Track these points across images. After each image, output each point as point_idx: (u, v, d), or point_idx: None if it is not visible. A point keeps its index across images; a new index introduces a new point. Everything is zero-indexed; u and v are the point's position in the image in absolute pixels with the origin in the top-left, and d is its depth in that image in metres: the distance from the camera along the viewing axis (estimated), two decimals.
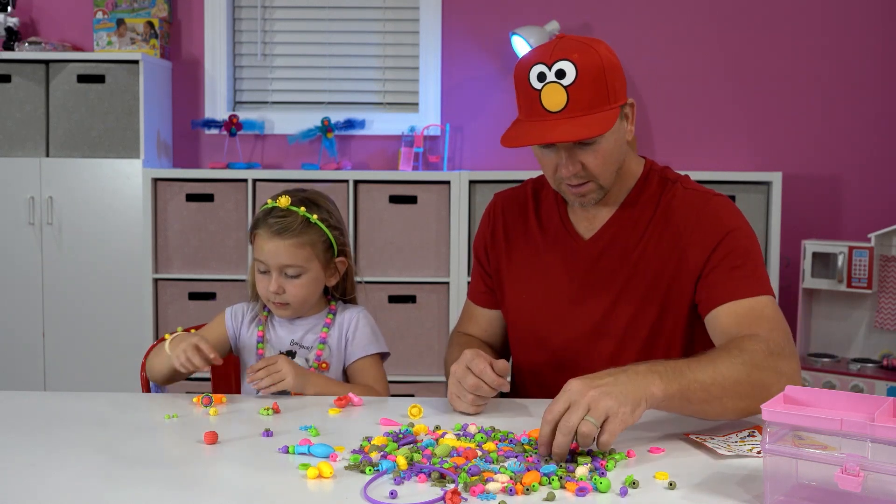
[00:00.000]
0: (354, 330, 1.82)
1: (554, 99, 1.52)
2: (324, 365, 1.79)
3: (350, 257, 1.86)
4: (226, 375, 2.03)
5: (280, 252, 1.74)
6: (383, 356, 1.86)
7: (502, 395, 1.85)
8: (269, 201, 1.78)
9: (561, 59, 1.51)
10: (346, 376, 1.84)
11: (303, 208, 1.77)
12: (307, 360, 1.80)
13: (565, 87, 1.51)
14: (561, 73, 1.51)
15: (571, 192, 1.63)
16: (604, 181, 1.61)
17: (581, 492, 1.13)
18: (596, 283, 1.67)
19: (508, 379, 1.53)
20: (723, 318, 1.56)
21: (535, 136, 1.54)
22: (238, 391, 1.82)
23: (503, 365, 1.52)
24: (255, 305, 1.87)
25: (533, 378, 1.76)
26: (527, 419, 1.49)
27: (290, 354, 1.81)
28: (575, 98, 1.51)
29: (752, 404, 1.37)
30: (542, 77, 1.52)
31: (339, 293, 1.89)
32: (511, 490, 1.13)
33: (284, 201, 1.76)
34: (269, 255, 1.74)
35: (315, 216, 1.77)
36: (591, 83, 1.51)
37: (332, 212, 1.82)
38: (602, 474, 1.18)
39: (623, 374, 1.30)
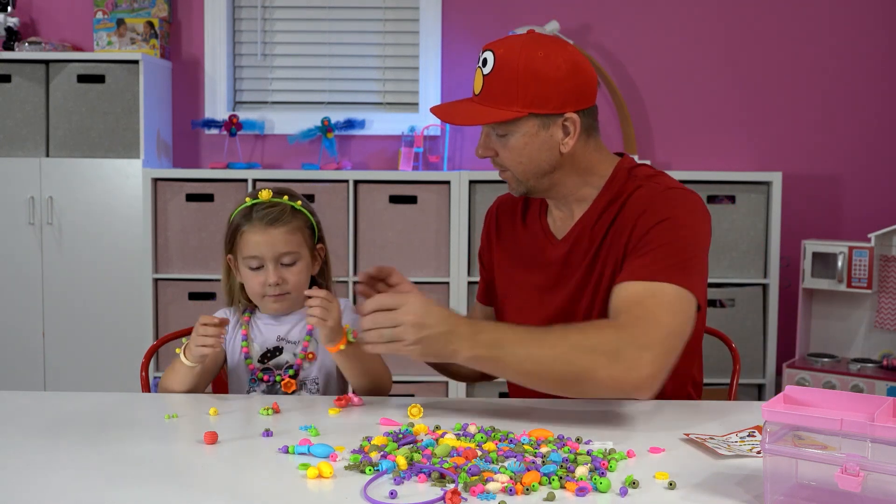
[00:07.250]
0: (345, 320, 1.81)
1: (476, 82, 1.62)
2: (310, 356, 1.80)
3: (326, 244, 1.88)
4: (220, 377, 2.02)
5: (276, 241, 1.76)
6: None
7: (501, 394, 1.85)
8: (248, 199, 1.81)
9: (488, 49, 1.60)
10: (337, 372, 1.82)
11: (285, 197, 1.82)
12: (294, 354, 1.80)
13: (484, 75, 1.60)
14: (484, 62, 1.60)
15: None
16: (519, 175, 1.65)
17: (581, 492, 1.13)
18: (562, 281, 1.71)
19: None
20: (615, 296, 1.55)
21: (442, 109, 1.66)
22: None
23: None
24: (235, 309, 1.87)
25: None
26: (527, 419, 1.49)
27: (278, 351, 1.81)
28: (488, 87, 1.59)
29: (572, 388, 1.46)
30: (479, 61, 1.62)
31: (320, 281, 1.90)
32: (511, 490, 1.13)
33: (266, 194, 1.80)
34: (265, 247, 1.76)
35: (299, 202, 1.82)
36: (502, 80, 1.57)
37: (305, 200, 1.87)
38: (602, 474, 1.18)
39: (446, 326, 1.42)
